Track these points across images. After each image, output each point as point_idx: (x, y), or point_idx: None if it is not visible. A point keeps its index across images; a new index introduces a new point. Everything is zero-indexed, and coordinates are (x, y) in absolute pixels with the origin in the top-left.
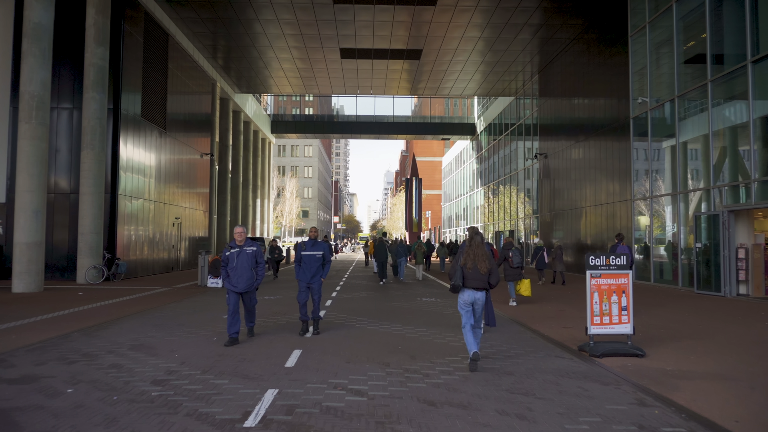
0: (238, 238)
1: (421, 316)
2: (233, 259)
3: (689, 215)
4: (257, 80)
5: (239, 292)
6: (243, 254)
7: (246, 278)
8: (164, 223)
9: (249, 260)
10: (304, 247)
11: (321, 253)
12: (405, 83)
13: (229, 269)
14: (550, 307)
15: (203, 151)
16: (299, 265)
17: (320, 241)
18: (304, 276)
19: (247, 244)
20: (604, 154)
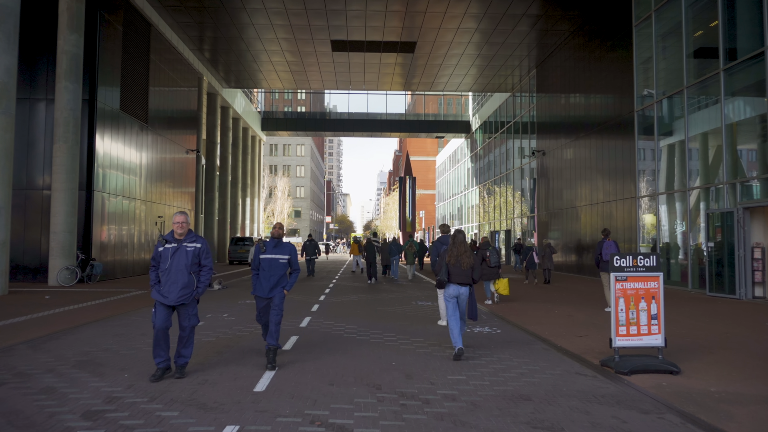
0: (177, 230)
1: (417, 322)
2: (166, 257)
3: (700, 213)
4: (246, 74)
5: (171, 306)
6: (181, 252)
7: (181, 285)
8: (146, 222)
9: (188, 261)
10: (264, 249)
11: (286, 258)
12: (398, 78)
13: (160, 272)
14: (557, 311)
15: (189, 147)
16: (257, 273)
17: (286, 242)
18: (261, 287)
19: (188, 238)
20: (605, 151)
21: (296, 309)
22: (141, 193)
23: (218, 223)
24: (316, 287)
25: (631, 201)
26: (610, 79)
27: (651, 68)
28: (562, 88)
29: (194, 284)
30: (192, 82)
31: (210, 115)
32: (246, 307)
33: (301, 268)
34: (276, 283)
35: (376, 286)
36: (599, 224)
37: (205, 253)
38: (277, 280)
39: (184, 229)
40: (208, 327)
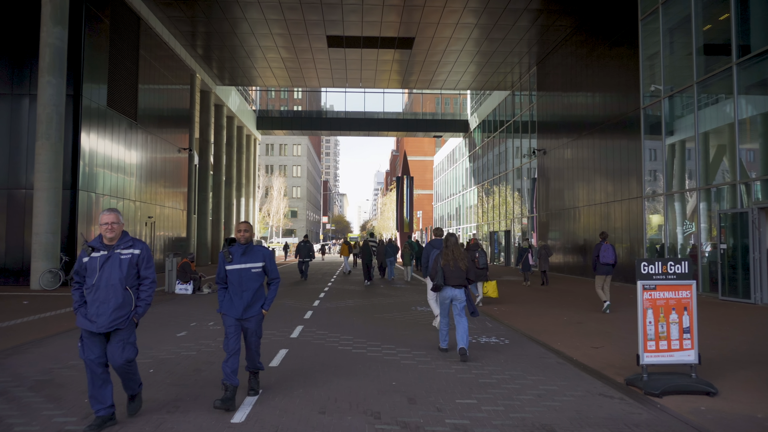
0: (107, 233)
1: (419, 331)
2: (93, 270)
3: (711, 213)
4: (240, 71)
5: (101, 333)
6: (113, 262)
7: (113, 305)
8: (135, 222)
9: (122, 273)
10: (230, 258)
11: (260, 266)
12: (396, 75)
13: (86, 290)
14: (566, 317)
15: (182, 146)
16: (224, 288)
17: (258, 245)
18: (233, 307)
19: (123, 243)
20: (609, 150)
21: (288, 316)
22: (130, 192)
23: (212, 224)
24: (310, 291)
25: (637, 201)
26: (614, 76)
27: (658, 64)
28: (564, 86)
29: (132, 303)
30: (184, 79)
31: (203, 113)
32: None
33: (293, 273)
34: (251, 301)
35: (372, 289)
36: (601, 225)
37: (146, 261)
38: (252, 296)
39: (115, 231)
40: (191, 338)
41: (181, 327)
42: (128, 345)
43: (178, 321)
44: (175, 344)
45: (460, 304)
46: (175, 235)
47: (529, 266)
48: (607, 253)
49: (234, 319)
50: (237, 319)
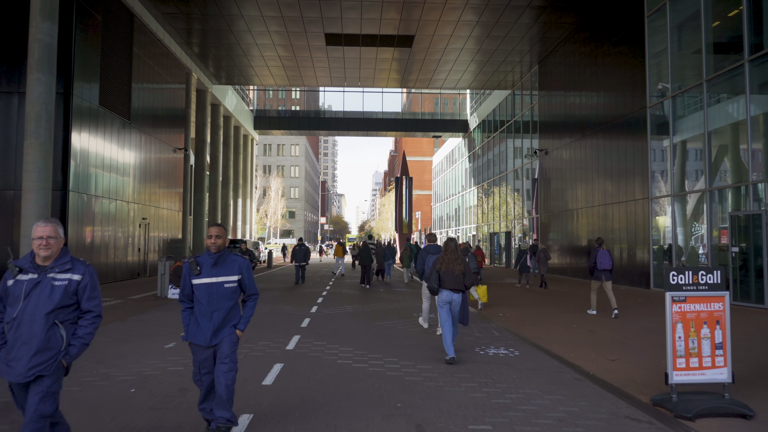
0: (42, 251)
1: (422, 342)
2: (16, 298)
3: (722, 215)
4: (237, 70)
5: (21, 384)
6: (43, 289)
7: (35, 347)
8: (129, 223)
9: (53, 303)
10: (198, 271)
11: (235, 280)
12: (395, 74)
13: (5, 324)
14: (575, 325)
15: (177, 146)
16: (189, 308)
17: (233, 254)
18: (199, 331)
19: (59, 264)
20: (613, 150)
21: (284, 325)
22: (124, 193)
23: (208, 225)
24: (308, 296)
25: (642, 203)
26: (619, 75)
27: (665, 62)
28: (566, 85)
29: (61, 343)
30: (179, 77)
31: (199, 112)
32: None
33: (290, 276)
34: (222, 323)
35: (372, 293)
36: (604, 226)
37: (89, 290)
38: (224, 316)
39: (52, 249)
40: (179, 350)
41: (170, 337)
42: (48, 396)
43: (167, 330)
44: (161, 357)
45: (455, 308)
46: (170, 236)
47: (527, 268)
48: (604, 259)
49: (204, 348)
50: (207, 345)
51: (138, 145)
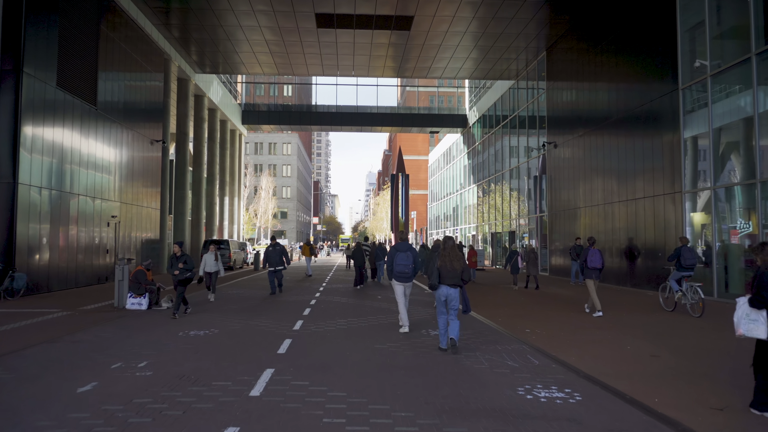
0: None
1: (442, 380)
2: None
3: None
4: (221, 57)
5: None
6: None
7: None
8: (94, 221)
9: None
10: None
11: None
12: (391, 62)
13: None
14: (629, 346)
15: (154, 138)
16: None
17: None
18: None
19: None
20: (636, 139)
21: (256, 349)
22: (88, 188)
23: (191, 224)
24: (293, 306)
25: (673, 197)
26: (642, 55)
27: (701, 36)
28: (578, 72)
29: None
30: (157, 64)
31: (181, 103)
32: (186, 343)
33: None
34: None
35: (368, 302)
36: (634, 224)
37: None
38: None
39: None
40: (95, 397)
41: (92, 373)
42: None
43: (99, 358)
44: (61, 411)
45: (454, 303)
46: (146, 236)
47: (517, 269)
48: (594, 258)
49: None
50: None
51: (107, 134)
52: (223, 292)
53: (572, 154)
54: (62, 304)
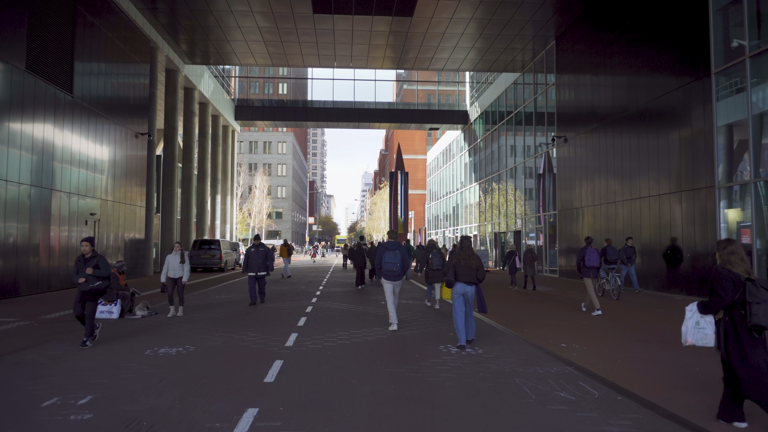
0: None
1: (475, 419)
2: None
3: None
4: (211, 46)
5: None
6: None
7: None
8: (71, 220)
9: None
10: None
11: None
12: (391, 52)
13: None
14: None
15: (139, 131)
16: None
17: None
18: None
19: None
20: (657, 131)
21: (238, 375)
22: (65, 182)
23: (181, 224)
24: (286, 314)
25: (706, 192)
26: (664, 41)
27: (738, 12)
28: (591, 61)
29: None
30: (143, 52)
31: (169, 95)
32: (151, 366)
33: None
34: None
35: (372, 309)
36: (654, 223)
37: None
38: None
39: None
40: None
41: (13, 415)
42: None
43: (28, 392)
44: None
45: (470, 298)
46: (130, 236)
47: (515, 269)
48: (592, 257)
49: None
50: None
51: (85, 126)
52: (210, 297)
53: (585, 149)
54: (25, 311)
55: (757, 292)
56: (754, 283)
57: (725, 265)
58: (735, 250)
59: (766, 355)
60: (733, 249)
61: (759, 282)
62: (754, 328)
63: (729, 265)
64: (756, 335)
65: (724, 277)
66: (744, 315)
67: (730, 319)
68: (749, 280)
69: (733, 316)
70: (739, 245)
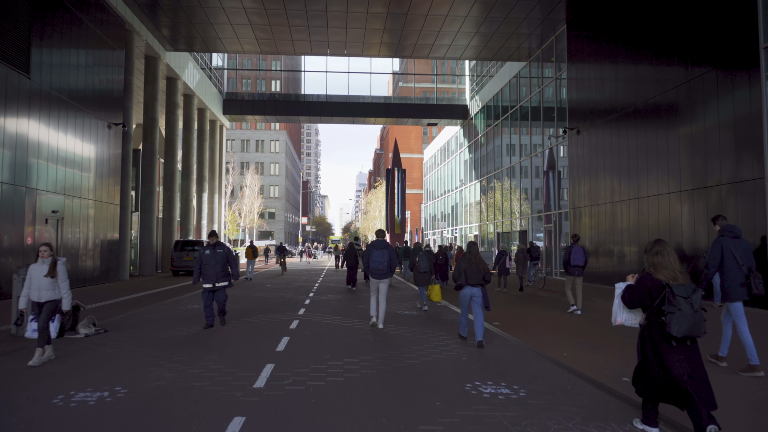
0: None
1: None
2: None
3: None
4: (195, 32)
5: None
6: None
7: None
8: (27, 217)
9: None
10: None
11: None
12: (389, 38)
13: None
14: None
15: (113, 120)
16: None
17: None
18: None
19: None
20: (696, 115)
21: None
22: (16, 174)
23: (163, 223)
24: (264, 332)
25: (754, 185)
26: (692, 18)
27: None
28: (608, 43)
29: None
30: (117, 35)
31: (149, 84)
32: (57, 425)
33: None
34: None
35: (377, 330)
36: (686, 219)
37: None
38: None
39: None
40: None
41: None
42: None
43: None
44: None
45: (478, 299)
46: (102, 237)
47: (506, 270)
48: (578, 256)
49: None
50: None
51: (46, 112)
52: (180, 307)
53: (602, 141)
54: None
55: (672, 299)
56: (671, 290)
57: (649, 268)
58: (660, 251)
59: (684, 364)
60: (658, 250)
61: (676, 289)
62: (668, 337)
63: (652, 269)
64: (674, 342)
65: (639, 282)
66: (662, 323)
67: (648, 324)
68: (668, 286)
69: (651, 322)
70: (666, 248)
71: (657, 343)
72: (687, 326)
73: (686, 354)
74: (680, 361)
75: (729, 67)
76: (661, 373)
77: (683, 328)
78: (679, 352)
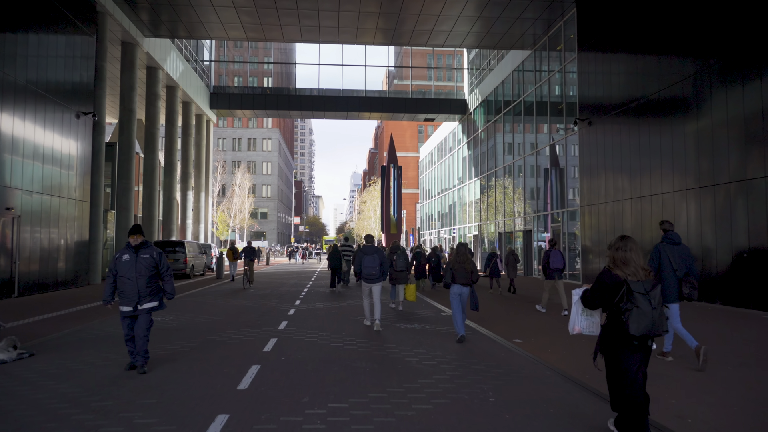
0: None
1: None
2: None
3: None
4: (174, 14)
5: None
6: None
7: None
8: None
9: None
10: None
11: None
12: (384, 23)
13: None
14: None
15: (81, 110)
16: None
17: None
18: None
19: None
20: (730, 101)
21: None
22: None
23: (142, 222)
24: (226, 364)
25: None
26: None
27: None
28: (622, 25)
29: None
30: (87, 17)
31: (126, 73)
32: None
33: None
34: None
35: (377, 343)
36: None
37: None
38: None
39: None
40: None
41: None
42: None
43: None
44: None
45: (465, 299)
46: (69, 237)
47: (498, 272)
48: (556, 259)
49: None
50: None
51: (1, 97)
52: None
53: (616, 134)
54: None
55: (630, 297)
56: (629, 286)
57: (609, 264)
58: (622, 247)
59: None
60: (620, 245)
61: (634, 285)
62: (628, 338)
63: (612, 265)
64: (635, 342)
65: (597, 279)
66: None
67: (607, 324)
68: (626, 282)
69: (609, 321)
70: (630, 243)
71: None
72: (646, 324)
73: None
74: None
75: (755, 48)
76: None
77: (642, 326)
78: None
